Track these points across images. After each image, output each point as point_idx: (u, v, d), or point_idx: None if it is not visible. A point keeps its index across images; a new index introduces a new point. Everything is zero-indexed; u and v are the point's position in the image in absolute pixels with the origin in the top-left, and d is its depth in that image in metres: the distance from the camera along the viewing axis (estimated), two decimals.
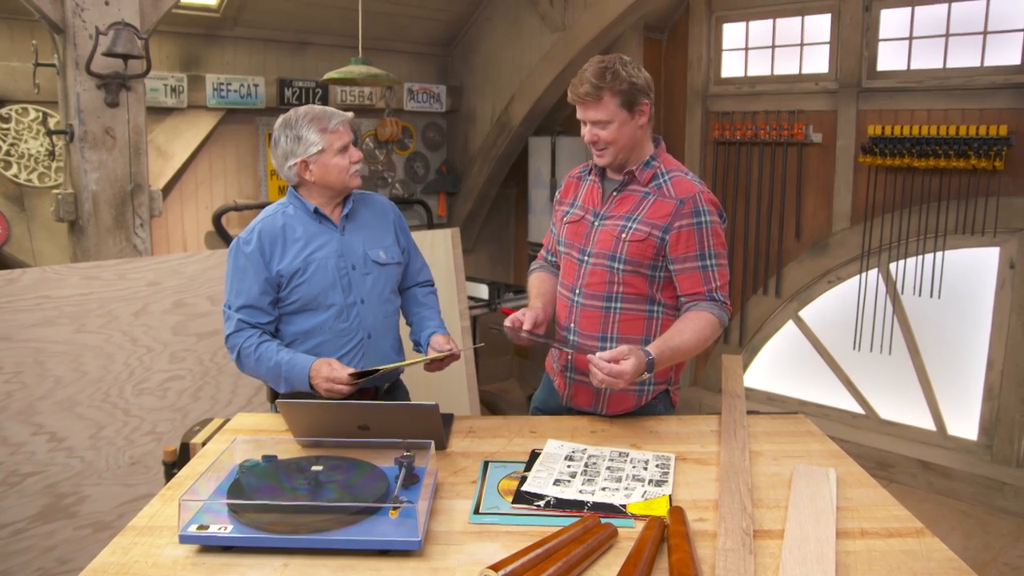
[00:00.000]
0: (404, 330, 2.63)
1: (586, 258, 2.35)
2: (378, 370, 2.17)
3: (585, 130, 2.28)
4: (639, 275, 2.29)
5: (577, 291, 2.37)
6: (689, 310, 2.28)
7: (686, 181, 2.30)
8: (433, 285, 2.75)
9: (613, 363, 2.03)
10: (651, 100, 2.28)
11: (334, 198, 2.44)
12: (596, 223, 2.35)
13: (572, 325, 2.40)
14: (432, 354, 2.39)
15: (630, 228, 2.27)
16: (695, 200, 2.26)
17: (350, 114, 2.43)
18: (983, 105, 4.42)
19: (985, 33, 4.43)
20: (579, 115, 2.28)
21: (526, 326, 2.29)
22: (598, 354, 2.06)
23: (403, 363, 2.28)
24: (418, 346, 2.57)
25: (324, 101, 5.42)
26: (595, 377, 2.05)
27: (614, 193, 2.35)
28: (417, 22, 5.74)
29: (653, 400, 2.40)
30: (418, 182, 6.26)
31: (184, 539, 1.53)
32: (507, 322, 2.31)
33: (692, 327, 2.22)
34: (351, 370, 2.22)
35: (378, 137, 5.83)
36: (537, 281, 2.58)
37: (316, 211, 2.42)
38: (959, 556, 1.55)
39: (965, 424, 4.74)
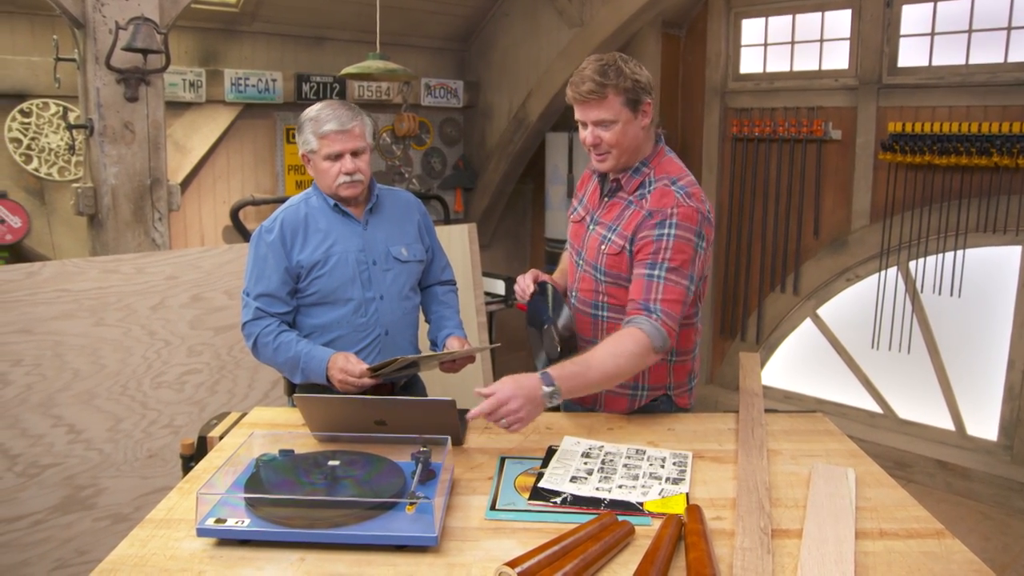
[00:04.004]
0: (422, 328, 2.63)
1: (581, 262, 2.32)
2: (395, 360, 2.16)
3: (585, 132, 2.18)
4: (620, 287, 2.21)
5: (574, 293, 2.36)
6: (623, 325, 2.11)
7: (668, 192, 2.15)
8: (455, 285, 2.74)
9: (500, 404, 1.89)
10: (652, 100, 2.19)
11: (335, 197, 2.43)
12: (591, 227, 2.30)
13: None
14: (446, 351, 2.39)
15: (609, 239, 2.21)
16: (665, 213, 2.11)
17: (357, 123, 2.35)
18: (1006, 102, 4.37)
19: (1009, 29, 4.38)
20: (579, 116, 2.17)
21: (529, 279, 2.32)
22: (476, 390, 1.94)
23: (419, 356, 2.28)
24: (434, 346, 2.58)
25: (342, 96, 5.43)
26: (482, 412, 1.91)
27: (606, 198, 2.29)
28: (434, 17, 5.74)
29: (652, 403, 2.34)
30: (435, 177, 6.26)
31: (201, 532, 1.53)
32: (526, 276, 2.35)
33: (607, 341, 2.07)
34: (366, 365, 2.22)
35: (395, 132, 5.84)
36: (565, 262, 2.57)
37: (336, 206, 2.42)
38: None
39: (985, 424, 4.70)
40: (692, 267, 2.12)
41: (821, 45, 5.15)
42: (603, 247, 2.22)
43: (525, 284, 2.35)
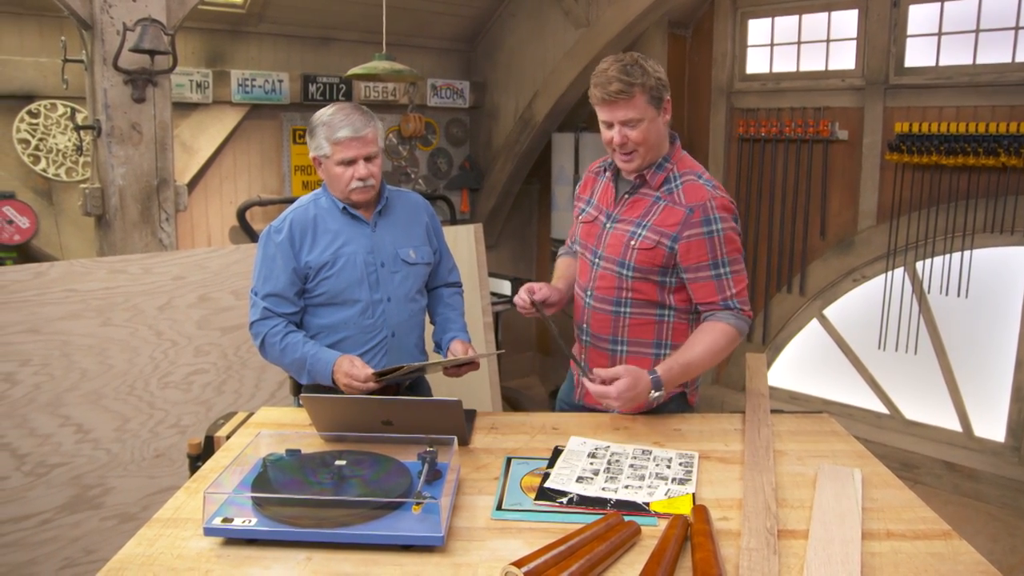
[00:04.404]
0: (429, 329, 2.64)
1: (597, 260, 2.33)
2: (401, 367, 2.17)
3: (612, 132, 2.19)
4: (648, 282, 2.25)
5: (589, 292, 2.36)
6: (705, 320, 2.24)
7: (698, 186, 2.22)
8: (460, 286, 2.74)
9: (604, 384, 2.03)
10: (671, 97, 2.24)
11: (346, 201, 2.44)
12: (608, 225, 2.32)
13: (585, 325, 2.39)
14: (451, 357, 2.40)
15: (639, 235, 2.23)
16: (705, 208, 2.19)
17: (370, 128, 2.34)
18: (1014, 102, 4.35)
19: (1017, 28, 4.36)
20: (605, 117, 2.19)
21: (536, 297, 2.32)
22: (595, 370, 2.08)
23: (425, 363, 2.29)
24: (439, 348, 2.58)
25: (348, 97, 5.44)
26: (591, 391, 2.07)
27: (626, 196, 2.30)
28: (441, 18, 5.74)
29: (666, 402, 2.36)
30: (441, 178, 6.27)
31: (208, 531, 1.54)
32: (520, 293, 2.34)
33: (704, 340, 2.18)
34: (371, 370, 2.22)
35: (401, 133, 5.84)
36: (563, 264, 2.59)
37: (347, 207, 2.42)
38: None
39: (992, 426, 4.69)
40: (743, 251, 2.27)
41: (827, 45, 5.14)
42: (633, 242, 2.23)
43: (522, 302, 2.37)
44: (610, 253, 2.29)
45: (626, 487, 1.81)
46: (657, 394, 2.08)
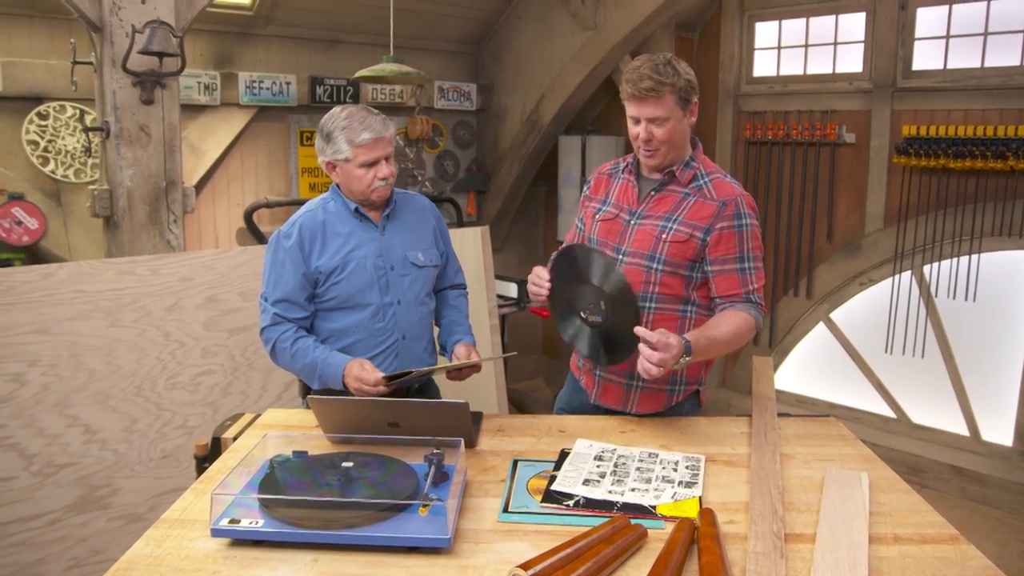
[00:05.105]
0: (435, 331, 2.65)
1: (621, 257, 2.33)
2: (410, 372, 2.18)
3: (638, 128, 2.24)
4: (677, 276, 2.27)
5: None
6: (725, 309, 2.26)
7: (727, 183, 2.29)
8: (465, 288, 2.75)
9: (659, 347, 1.99)
10: (698, 100, 2.27)
11: (365, 201, 2.44)
12: (632, 222, 2.33)
13: None
14: (455, 361, 2.41)
15: (671, 229, 2.25)
16: (737, 203, 2.25)
17: (390, 130, 2.38)
18: (1022, 105, 4.34)
19: None
20: (633, 112, 2.23)
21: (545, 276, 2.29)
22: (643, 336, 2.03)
23: (434, 368, 2.30)
24: (444, 350, 2.59)
25: (355, 99, 5.45)
26: (649, 357, 1.99)
27: (652, 193, 2.32)
28: (448, 20, 5.75)
29: (680, 402, 2.39)
30: (448, 180, 6.27)
31: (216, 533, 1.54)
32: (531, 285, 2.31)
33: (729, 323, 2.20)
34: (381, 374, 2.23)
35: (408, 135, 5.84)
36: None
37: (357, 210, 2.43)
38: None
39: (1000, 430, 4.67)
40: (763, 249, 2.33)
41: (835, 48, 5.13)
42: (664, 236, 2.26)
43: (540, 281, 2.32)
44: (637, 248, 2.30)
45: (632, 490, 1.81)
46: (686, 359, 2.06)
